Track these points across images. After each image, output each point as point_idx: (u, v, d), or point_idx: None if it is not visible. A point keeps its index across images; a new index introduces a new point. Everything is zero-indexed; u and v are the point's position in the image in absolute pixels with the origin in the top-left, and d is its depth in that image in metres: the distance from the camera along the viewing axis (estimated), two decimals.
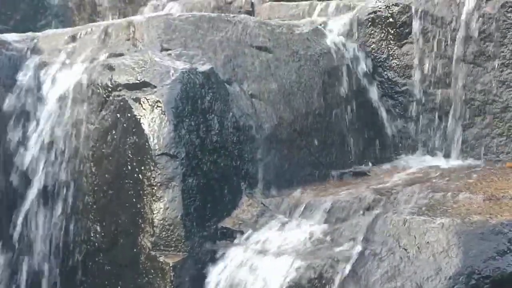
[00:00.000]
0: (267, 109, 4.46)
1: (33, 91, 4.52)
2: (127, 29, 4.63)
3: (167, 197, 3.89)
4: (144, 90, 4.09)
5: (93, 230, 4.12)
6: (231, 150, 4.16)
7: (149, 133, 3.98)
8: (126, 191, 4.01)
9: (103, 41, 4.65)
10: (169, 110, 3.98)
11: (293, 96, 4.61)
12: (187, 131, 3.99)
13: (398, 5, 5.05)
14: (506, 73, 4.66)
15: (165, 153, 3.93)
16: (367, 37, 5.14)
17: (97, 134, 4.19)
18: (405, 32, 5.00)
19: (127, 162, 4.03)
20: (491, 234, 3.28)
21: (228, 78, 4.42)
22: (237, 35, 4.70)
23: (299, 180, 4.42)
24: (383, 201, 3.82)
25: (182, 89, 4.05)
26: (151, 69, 4.17)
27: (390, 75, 5.04)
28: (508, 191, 3.76)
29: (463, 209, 3.56)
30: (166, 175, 3.91)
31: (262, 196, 4.18)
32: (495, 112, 4.69)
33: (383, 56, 5.08)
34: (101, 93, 4.23)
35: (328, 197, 4.01)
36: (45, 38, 4.94)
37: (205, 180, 4.00)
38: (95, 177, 4.16)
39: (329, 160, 4.62)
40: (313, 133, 4.61)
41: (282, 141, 4.44)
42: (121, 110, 4.11)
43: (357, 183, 4.31)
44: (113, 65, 4.28)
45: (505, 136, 4.65)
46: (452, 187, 3.92)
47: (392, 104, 5.00)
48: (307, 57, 4.81)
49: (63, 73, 4.51)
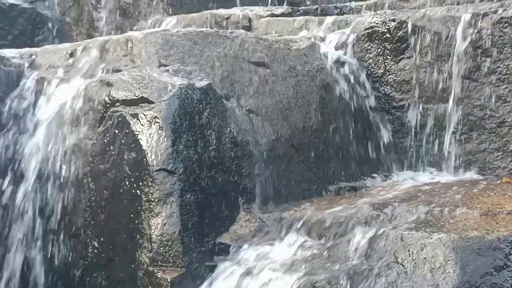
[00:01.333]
0: (264, 125, 4.47)
1: (31, 106, 4.54)
2: (125, 45, 4.66)
3: (165, 212, 3.90)
4: (142, 105, 4.11)
5: (91, 246, 4.12)
6: (228, 165, 4.17)
7: (147, 149, 3.99)
8: (124, 207, 4.02)
9: (101, 57, 4.67)
10: (167, 126, 3.99)
11: (290, 111, 4.63)
12: (185, 146, 4.00)
13: (394, 21, 5.07)
14: (502, 88, 4.68)
15: (163, 168, 3.94)
16: (364, 52, 5.17)
17: (95, 149, 4.20)
18: (402, 48, 5.02)
19: (125, 177, 4.04)
20: (488, 249, 3.29)
21: (225, 94, 4.44)
22: (235, 51, 4.72)
23: (296, 195, 4.43)
24: (380, 217, 3.83)
25: (180, 104, 4.06)
26: (149, 85, 4.18)
27: (387, 90, 5.06)
28: (505, 206, 3.77)
29: (460, 225, 3.57)
30: (164, 190, 3.92)
31: (260, 211, 4.19)
32: (492, 127, 4.71)
33: (380, 71, 5.10)
34: (99, 109, 4.24)
35: (326, 212, 4.02)
36: (43, 54, 4.96)
37: (203, 195, 4.01)
38: (93, 192, 4.16)
39: (326, 175, 4.64)
40: (311, 148, 4.63)
41: (280, 156, 4.46)
42: (119, 125, 4.12)
43: (355, 198, 4.33)
44: (111, 81, 4.30)
45: (502, 151, 4.67)
46: (449, 202, 3.93)
47: (389, 119, 5.02)
48: (304, 73, 4.83)
49: (61, 89, 4.52)
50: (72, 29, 8.39)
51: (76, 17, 8.40)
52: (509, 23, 4.67)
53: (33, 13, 8.26)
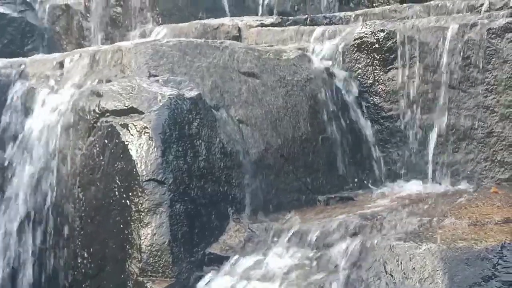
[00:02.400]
0: (254, 135, 4.48)
1: (20, 116, 4.54)
2: (115, 55, 4.66)
3: (154, 223, 3.91)
4: (132, 116, 4.11)
5: (81, 256, 4.12)
6: (218, 175, 4.18)
7: (137, 159, 3.99)
8: (114, 217, 4.02)
9: (91, 67, 4.68)
10: (157, 136, 4.00)
11: (280, 121, 4.64)
12: (174, 156, 4.01)
13: (383, 31, 5.09)
14: (490, 99, 4.71)
15: (153, 179, 3.95)
16: (353, 62, 5.19)
17: (84, 160, 4.20)
18: (391, 58, 5.05)
19: (114, 188, 4.04)
20: (477, 259, 3.31)
21: (215, 104, 4.45)
22: (224, 61, 4.74)
23: (286, 205, 4.44)
24: (369, 227, 3.84)
25: (170, 115, 4.07)
26: (138, 95, 4.19)
27: (376, 100, 5.08)
28: (493, 216, 3.79)
29: (449, 235, 3.59)
30: (154, 201, 3.93)
31: (250, 221, 4.20)
32: (480, 137, 4.73)
33: (369, 81, 5.12)
34: (88, 119, 4.25)
35: (315, 222, 4.03)
36: (33, 64, 4.96)
37: (193, 205, 4.02)
38: (83, 202, 4.17)
39: (315, 185, 4.65)
40: (300, 158, 4.64)
41: (269, 166, 4.47)
42: (109, 136, 4.12)
43: (344, 208, 4.33)
44: (100, 91, 4.30)
45: (490, 161, 4.69)
46: (438, 213, 3.95)
47: (378, 129, 5.04)
48: (294, 83, 4.85)
49: (51, 99, 4.53)
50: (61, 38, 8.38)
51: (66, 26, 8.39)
52: (496, 34, 4.69)
53: (23, 22, 8.26)
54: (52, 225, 4.29)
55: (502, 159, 4.65)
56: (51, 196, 4.31)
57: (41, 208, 4.33)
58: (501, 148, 4.66)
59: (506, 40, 4.67)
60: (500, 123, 4.68)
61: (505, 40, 4.67)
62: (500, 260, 3.29)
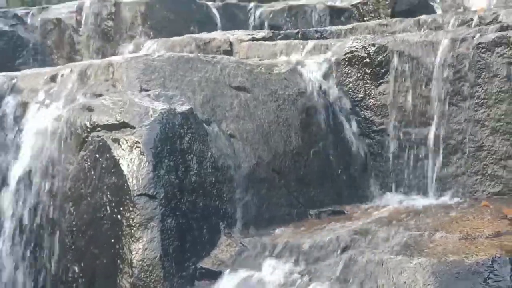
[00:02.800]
0: (245, 149, 4.49)
1: (12, 131, 4.53)
2: (106, 70, 4.67)
3: (146, 237, 3.90)
4: (123, 130, 4.12)
5: (71, 271, 4.11)
6: (210, 190, 4.18)
7: (128, 174, 3.99)
8: (105, 232, 4.02)
9: (82, 82, 4.68)
10: (148, 151, 4.00)
11: (271, 135, 4.65)
12: (166, 171, 4.01)
13: (374, 45, 5.12)
14: (481, 113, 4.72)
15: (144, 193, 3.95)
16: (344, 76, 5.20)
17: (76, 174, 4.20)
18: (382, 72, 5.06)
19: (106, 202, 4.04)
20: (467, 273, 3.32)
21: (207, 118, 4.46)
22: (216, 75, 4.75)
23: (277, 219, 4.44)
24: (360, 241, 3.84)
25: (161, 129, 4.07)
26: (130, 110, 4.19)
27: (367, 114, 5.09)
28: (484, 230, 3.80)
29: (440, 249, 3.60)
30: (145, 215, 3.93)
31: (241, 235, 4.20)
32: (470, 151, 4.74)
33: (360, 95, 5.14)
34: (80, 133, 4.25)
35: (306, 236, 4.04)
36: (24, 78, 4.97)
37: (184, 220, 4.01)
38: (74, 217, 4.16)
39: (307, 199, 4.65)
40: (291, 172, 4.64)
41: (261, 180, 4.47)
42: (100, 150, 4.12)
43: (335, 222, 4.33)
44: (92, 105, 4.31)
45: (481, 174, 4.70)
46: (429, 226, 3.96)
47: (369, 143, 5.05)
48: (285, 97, 4.86)
49: (42, 113, 4.53)
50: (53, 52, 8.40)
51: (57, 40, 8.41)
52: (486, 48, 4.71)
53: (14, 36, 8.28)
54: (43, 239, 4.27)
55: (493, 172, 4.67)
56: (42, 210, 4.30)
57: (32, 222, 4.32)
58: (491, 161, 4.68)
59: (496, 54, 4.69)
60: (490, 136, 4.69)
61: (495, 54, 4.69)
62: (491, 274, 3.30)
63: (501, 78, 4.67)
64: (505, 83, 4.66)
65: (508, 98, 4.65)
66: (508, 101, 4.65)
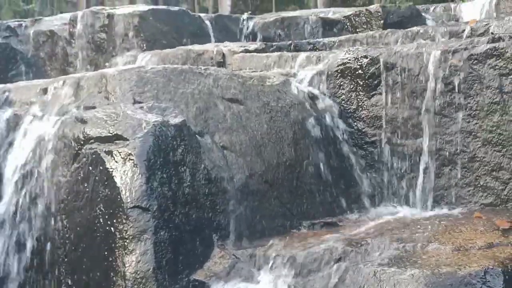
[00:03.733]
0: (238, 161, 4.50)
1: (4, 143, 4.53)
2: (99, 82, 4.68)
3: (139, 250, 3.90)
4: (117, 143, 4.12)
5: (65, 284, 4.10)
6: (203, 202, 4.18)
7: (121, 186, 3.99)
8: (98, 244, 4.01)
9: (75, 94, 4.69)
10: (141, 163, 4.00)
11: (264, 147, 4.66)
12: (159, 183, 4.01)
13: (367, 57, 5.14)
14: (473, 124, 4.74)
15: (137, 205, 3.94)
16: (336, 88, 5.22)
17: (69, 186, 4.20)
18: (374, 84, 5.08)
19: (99, 214, 4.03)
20: (460, 285, 3.33)
21: (200, 130, 4.46)
22: (209, 87, 4.76)
23: (270, 231, 4.44)
24: (354, 252, 3.85)
25: (154, 141, 4.08)
26: (123, 122, 4.20)
27: (360, 125, 5.11)
28: (476, 241, 3.81)
29: (433, 260, 3.61)
30: (138, 228, 3.92)
31: (234, 247, 4.20)
32: (463, 162, 4.76)
33: (352, 107, 5.16)
34: (73, 145, 4.25)
35: (299, 248, 4.04)
36: (17, 90, 4.97)
37: (177, 232, 4.01)
38: (67, 229, 4.16)
39: (300, 211, 4.66)
40: (284, 184, 4.65)
41: (254, 192, 4.48)
42: (93, 163, 4.12)
43: (328, 233, 4.34)
44: (85, 118, 4.31)
45: (473, 185, 4.72)
46: (422, 238, 3.97)
47: (362, 155, 5.07)
48: (278, 109, 4.87)
49: (35, 126, 4.53)
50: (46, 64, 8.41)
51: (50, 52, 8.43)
52: (478, 60, 4.74)
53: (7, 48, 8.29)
54: (37, 252, 4.26)
55: (485, 184, 4.68)
56: (35, 222, 4.29)
57: (25, 234, 4.32)
58: (484, 173, 4.70)
59: (487, 66, 4.71)
60: (482, 148, 4.71)
61: (487, 66, 4.71)
62: (483, 285, 3.32)
63: (492, 90, 4.69)
64: (497, 94, 4.68)
65: (500, 110, 4.67)
66: (500, 113, 4.67)
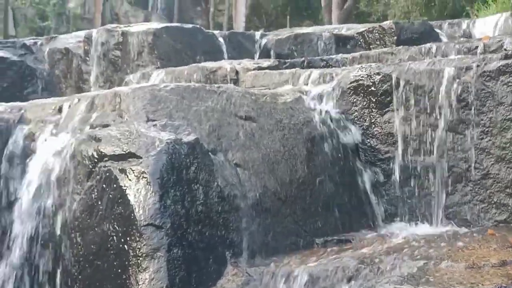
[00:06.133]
0: (251, 178, 4.51)
1: (20, 161, 4.56)
2: (113, 100, 4.71)
3: (152, 267, 3.91)
4: (130, 161, 4.14)
5: None
6: (216, 219, 4.19)
7: (135, 204, 4.01)
8: (112, 262, 4.03)
9: (89, 112, 4.72)
10: (155, 181, 4.02)
11: (277, 164, 4.67)
12: (172, 201, 4.03)
13: (379, 74, 5.15)
14: (486, 141, 4.74)
15: (151, 223, 3.96)
16: (349, 105, 5.23)
17: (83, 204, 4.22)
18: (387, 101, 5.09)
19: (112, 232, 4.05)
20: None
21: (213, 148, 4.48)
22: (222, 105, 4.78)
23: (283, 248, 4.44)
24: (367, 270, 3.85)
25: (167, 159, 4.10)
26: (136, 140, 4.22)
27: (373, 142, 5.11)
28: (490, 259, 3.80)
29: (445, 278, 3.60)
30: (152, 245, 3.94)
31: (247, 265, 4.20)
32: (476, 179, 4.75)
33: (365, 124, 5.16)
34: (87, 163, 4.27)
35: (312, 266, 4.04)
36: (32, 109, 5.00)
37: (191, 250, 4.02)
38: (81, 247, 4.17)
39: (313, 228, 4.66)
40: (297, 201, 4.66)
41: (267, 209, 4.48)
42: (107, 181, 4.15)
43: (341, 251, 4.34)
44: (99, 136, 4.34)
45: (487, 202, 4.71)
46: (435, 255, 3.96)
47: (375, 171, 5.07)
48: (290, 126, 4.88)
49: (50, 144, 4.56)
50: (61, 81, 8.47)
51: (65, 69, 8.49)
52: (491, 77, 4.74)
53: (23, 66, 8.36)
54: (51, 269, 4.28)
55: (499, 200, 4.68)
56: (49, 240, 4.31)
57: (40, 252, 4.34)
58: (497, 189, 4.69)
59: (500, 83, 4.71)
60: (496, 165, 4.71)
61: (500, 82, 4.72)
62: None
63: (506, 106, 4.70)
64: (510, 111, 4.68)
65: None
66: None
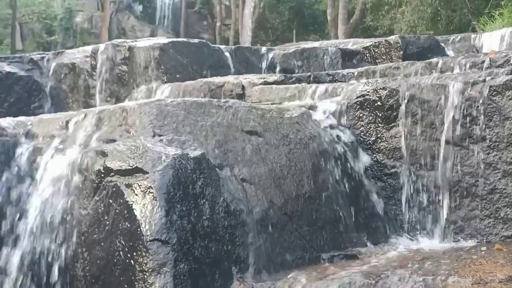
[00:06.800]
0: (257, 193, 4.50)
1: (26, 176, 4.57)
2: (120, 115, 4.72)
3: (158, 283, 3.90)
4: (136, 176, 4.14)
5: None
6: (222, 234, 4.19)
7: (141, 219, 4.01)
8: (118, 277, 4.02)
9: (96, 127, 4.73)
10: (161, 196, 4.02)
11: (283, 179, 4.67)
12: (178, 216, 4.03)
13: (385, 89, 5.15)
14: (492, 156, 4.73)
15: (157, 238, 3.95)
16: (356, 120, 5.24)
17: (89, 219, 4.22)
18: (393, 115, 5.10)
19: (119, 247, 4.05)
20: None
21: (219, 163, 4.48)
22: (228, 120, 4.79)
23: (290, 263, 4.44)
24: (374, 286, 3.84)
25: (174, 174, 4.10)
26: (143, 155, 4.22)
27: (379, 157, 5.11)
28: (497, 274, 3.79)
29: None
30: (158, 260, 3.93)
31: (253, 280, 4.19)
32: (483, 194, 4.74)
33: (371, 138, 5.17)
34: (94, 178, 4.28)
35: (319, 281, 4.03)
36: (39, 124, 5.01)
37: (197, 265, 4.02)
38: (87, 262, 4.17)
39: (319, 243, 4.65)
40: (304, 216, 4.65)
41: (273, 224, 4.48)
42: (114, 195, 4.15)
43: (348, 266, 4.33)
44: (106, 151, 4.34)
45: (493, 217, 4.70)
46: (442, 271, 3.94)
47: (381, 186, 5.06)
48: (297, 141, 4.89)
49: (56, 159, 4.56)
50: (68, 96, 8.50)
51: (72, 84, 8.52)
52: (497, 91, 4.74)
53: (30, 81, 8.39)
54: (58, 284, 4.28)
55: (506, 215, 4.66)
56: (55, 255, 4.31)
57: (46, 267, 4.34)
58: (504, 204, 4.68)
59: (507, 98, 4.71)
60: (503, 179, 4.70)
61: (506, 97, 4.71)
62: None
63: None
64: None
65: None
66: None
